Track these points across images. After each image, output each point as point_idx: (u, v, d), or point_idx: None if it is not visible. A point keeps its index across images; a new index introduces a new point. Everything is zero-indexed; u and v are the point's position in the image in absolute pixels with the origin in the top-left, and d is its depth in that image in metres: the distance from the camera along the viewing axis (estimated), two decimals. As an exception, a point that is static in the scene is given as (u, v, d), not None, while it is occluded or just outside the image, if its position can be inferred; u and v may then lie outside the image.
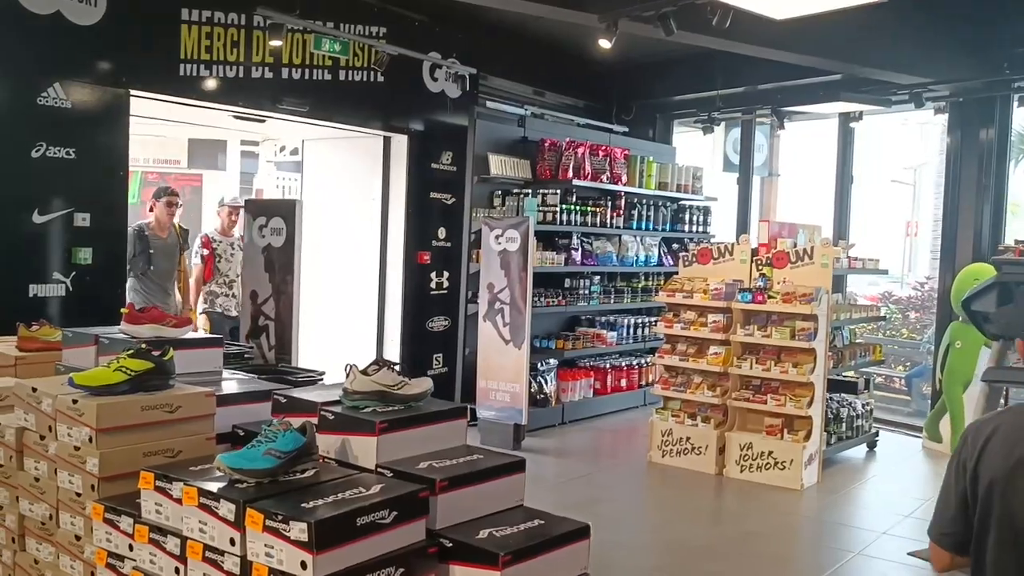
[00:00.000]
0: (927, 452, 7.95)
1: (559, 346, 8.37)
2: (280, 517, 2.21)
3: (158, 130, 9.00)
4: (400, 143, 7.80)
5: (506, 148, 8.35)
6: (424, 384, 2.96)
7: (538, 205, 7.96)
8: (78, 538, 2.82)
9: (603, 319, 9.08)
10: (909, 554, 5.22)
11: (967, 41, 7.45)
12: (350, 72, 7.15)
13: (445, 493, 2.55)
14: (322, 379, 4.22)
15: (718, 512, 6.32)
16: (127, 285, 6.51)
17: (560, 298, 8.25)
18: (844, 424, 7.34)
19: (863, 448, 7.73)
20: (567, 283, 8.45)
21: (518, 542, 2.49)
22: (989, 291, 4.98)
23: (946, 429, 7.88)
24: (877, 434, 7.91)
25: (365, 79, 7.25)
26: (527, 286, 7.16)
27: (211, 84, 6.28)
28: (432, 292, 8.00)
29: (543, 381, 8.06)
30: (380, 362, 2.92)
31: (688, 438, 6.92)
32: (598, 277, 8.78)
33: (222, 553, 2.33)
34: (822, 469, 6.76)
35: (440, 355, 8.14)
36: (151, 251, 6.84)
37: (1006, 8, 7.03)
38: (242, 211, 7.28)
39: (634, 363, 9.18)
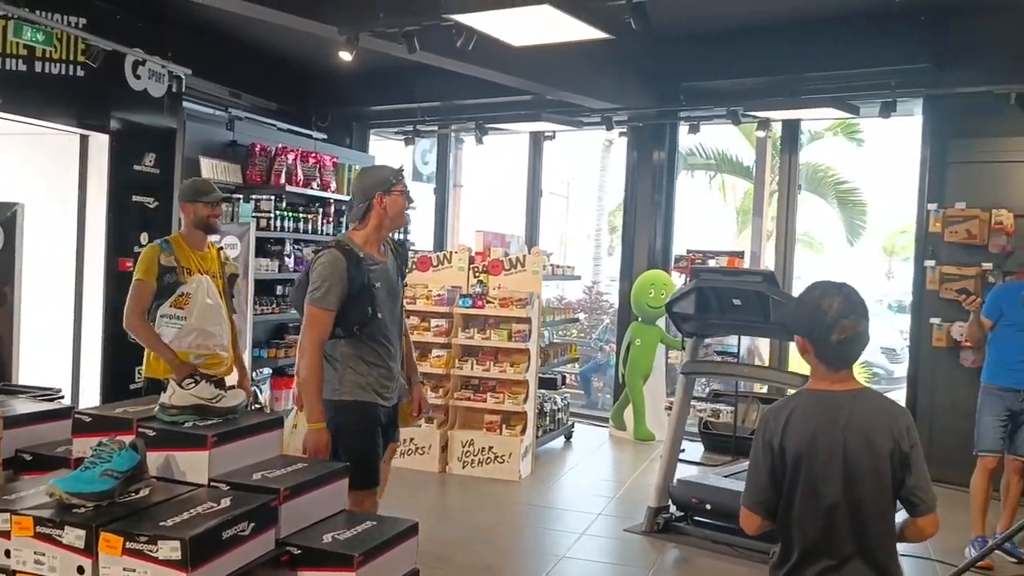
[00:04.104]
0: (614, 439, 8.82)
1: (271, 355, 8.24)
2: (145, 538, 2.15)
3: None
4: (100, 142, 7.28)
5: (216, 152, 8.08)
6: (239, 396, 2.96)
7: (252, 211, 7.80)
8: None
9: (312, 326, 9.05)
10: (625, 530, 5.86)
11: (650, 74, 8.40)
12: (47, 64, 6.59)
13: (288, 502, 2.59)
14: (62, 397, 3.94)
15: (451, 508, 6.62)
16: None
17: (274, 306, 8.13)
18: (548, 418, 7.98)
19: (562, 439, 8.43)
20: (279, 290, 8.35)
21: (364, 543, 2.58)
22: (688, 295, 5.70)
23: (629, 418, 8.82)
24: (573, 426, 8.67)
25: (64, 72, 6.71)
26: (248, 293, 7.02)
27: None
28: (135, 301, 7.53)
29: (258, 390, 7.91)
30: (197, 376, 2.88)
31: (412, 439, 7.15)
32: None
33: (66, 583, 2.21)
34: (535, 460, 7.31)
35: (143, 367, 7.68)
36: (375, 286, 3.76)
37: (683, 49, 8.04)
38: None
39: (343, 369, 9.24)
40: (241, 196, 7.97)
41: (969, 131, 7.29)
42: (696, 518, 5.78)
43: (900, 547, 2.60)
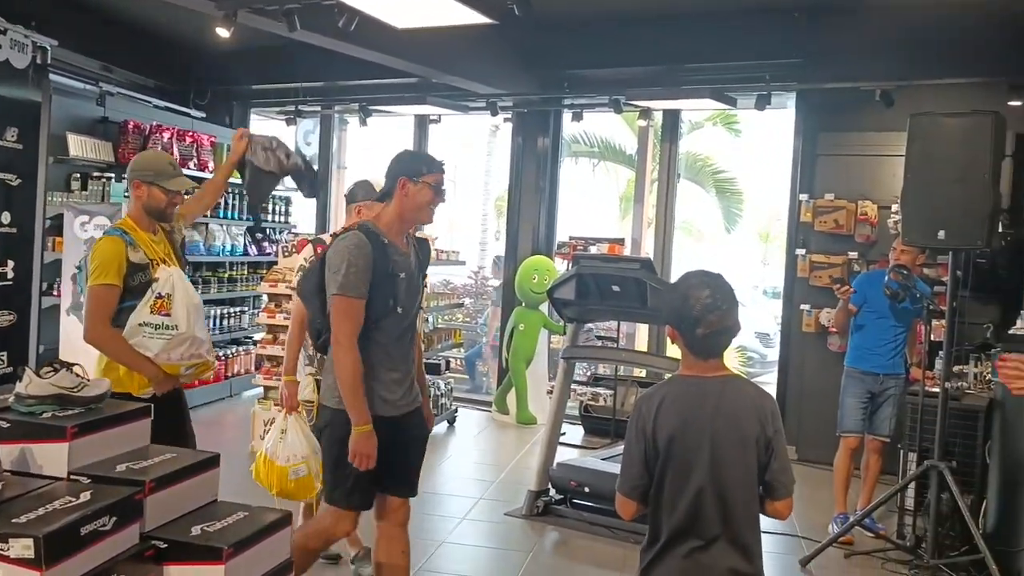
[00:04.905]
0: (497, 424, 8.87)
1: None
2: (-7, 536, 2.04)
3: None
4: (-44, 115, 6.88)
5: (85, 128, 7.73)
6: (103, 385, 2.83)
7: (124, 191, 7.50)
8: None
9: (188, 310, 8.79)
10: (506, 514, 5.90)
11: (535, 61, 8.43)
12: None
13: (153, 494, 2.50)
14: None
15: (328, 495, 6.53)
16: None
17: (147, 289, 7.84)
18: (432, 403, 7.95)
19: (445, 424, 8.44)
20: (153, 273, 8.06)
21: (234, 535, 2.52)
22: (569, 282, 5.76)
23: (512, 402, 8.89)
24: (456, 410, 8.68)
25: (-85, 39, 6.31)
26: (119, 277, 6.75)
27: None
28: (-5, 284, 7.16)
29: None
30: (57, 364, 2.75)
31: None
32: (187, 267, 8.48)
33: (-94, 588, 2.08)
34: (417, 446, 7.29)
35: (5, 354, 7.32)
36: (399, 276, 3.44)
37: (567, 37, 8.10)
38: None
39: (220, 354, 9.02)
40: (113, 175, 7.68)
41: (838, 125, 7.59)
42: (575, 501, 5.88)
43: (767, 524, 2.71)
